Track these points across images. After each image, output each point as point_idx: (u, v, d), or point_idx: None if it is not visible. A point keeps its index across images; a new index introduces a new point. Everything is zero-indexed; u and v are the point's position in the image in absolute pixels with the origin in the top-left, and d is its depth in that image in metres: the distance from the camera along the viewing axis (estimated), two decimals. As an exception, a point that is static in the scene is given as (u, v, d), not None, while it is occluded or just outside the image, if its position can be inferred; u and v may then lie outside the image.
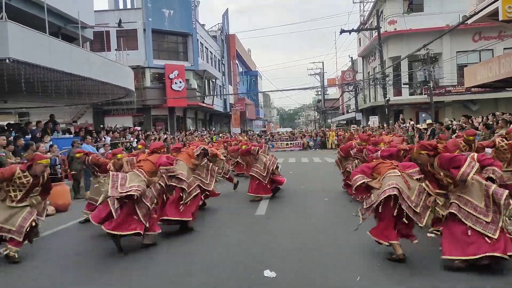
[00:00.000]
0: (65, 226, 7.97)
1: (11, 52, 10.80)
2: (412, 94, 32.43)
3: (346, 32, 29.55)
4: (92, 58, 15.67)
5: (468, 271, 4.51)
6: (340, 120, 54.54)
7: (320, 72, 57.41)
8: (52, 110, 18.96)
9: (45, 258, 5.90)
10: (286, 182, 10.65)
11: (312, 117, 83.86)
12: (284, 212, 8.44)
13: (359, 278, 4.56)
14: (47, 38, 12.86)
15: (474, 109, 29.57)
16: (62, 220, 8.44)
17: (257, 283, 4.59)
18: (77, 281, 4.93)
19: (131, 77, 20.00)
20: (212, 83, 39.79)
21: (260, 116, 65.75)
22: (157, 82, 31.07)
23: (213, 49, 40.58)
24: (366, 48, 36.97)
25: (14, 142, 10.21)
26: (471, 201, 4.54)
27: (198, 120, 39.47)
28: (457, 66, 29.93)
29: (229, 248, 6.00)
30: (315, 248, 5.79)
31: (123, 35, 27.94)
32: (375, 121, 30.45)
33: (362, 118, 39.47)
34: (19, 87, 12.05)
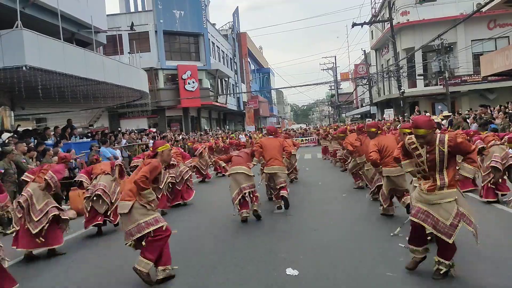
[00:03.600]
0: (86, 230, 8.06)
1: (27, 60, 10.96)
2: (427, 85, 32.01)
3: (358, 25, 29.27)
4: (106, 62, 15.83)
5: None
6: (354, 114, 54.16)
7: (332, 66, 57.07)
8: (69, 115, 19.23)
9: (69, 261, 5.99)
10: (304, 179, 10.64)
11: (326, 112, 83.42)
12: (303, 209, 8.42)
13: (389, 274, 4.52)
14: (61, 44, 13.02)
15: (492, 98, 29.05)
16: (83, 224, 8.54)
17: (279, 281, 4.58)
18: (100, 284, 4.99)
19: (145, 79, 20.15)
20: (225, 82, 39.85)
21: (274, 113, 65.62)
22: (170, 83, 31.25)
23: (225, 48, 40.63)
24: (378, 40, 36.59)
25: (35, 148, 10.38)
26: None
27: (213, 120, 39.60)
28: (472, 55, 29.44)
29: (250, 246, 6.00)
30: (337, 245, 5.76)
31: (135, 37, 28.15)
32: (390, 114, 30.12)
33: (377, 111, 39.12)
34: (36, 93, 12.24)
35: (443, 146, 4.10)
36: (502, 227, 6.21)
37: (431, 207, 4.20)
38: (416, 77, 31.05)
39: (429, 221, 4.18)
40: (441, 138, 4.13)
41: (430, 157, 4.15)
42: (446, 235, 4.09)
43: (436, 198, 4.17)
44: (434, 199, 4.18)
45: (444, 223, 4.09)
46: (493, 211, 7.11)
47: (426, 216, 4.21)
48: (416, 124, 4.17)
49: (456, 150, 4.16)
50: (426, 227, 4.21)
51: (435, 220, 4.15)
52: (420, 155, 4.23)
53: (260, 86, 56.70)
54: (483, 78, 24.74)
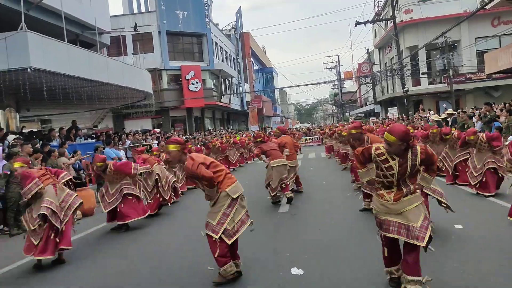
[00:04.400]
0: (91, 230, 8.12)
1: (32, 61, 11.02)
2: (431, 83, 31.91)
3: (361, 24, 29.23)
4: (110, 63, 15.89)
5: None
6: (358, 113, 54.03)
7: (336, 65, 56.98)
8: (74, 116, 19.34)
9: (76, 261, 6.03)
10: (308, 178, 10.66)
11: (330, 111, 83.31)
12: (307, 209, 8.43)
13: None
14: (65, 46, 13.09)
15: (496, 95, 28.91)
16: (89, 224, 8.61)
17: (284, 280, 4.60)
18: (107, 284, 5.02)
19: (148, 80, 20.21)
20: (228, 82, 39.89)
21: (278, 113, 65.59)
22: (174, 83, 31.32)
23: (228, 48, 40.66)
24: (382, 39, 36.49)
25: (41, 149, 10.44)
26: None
27: (216, 120, 39.65)
28: (476, 52, 29.31)
29: (256, 246, 6.01)
30: (341, 244, 5.76)
31: (139, 38, 28.23)
32: (394, 112, 30.05)
33: (380, 110, 39.00)
34: (41, 95, 12.31)
35: (415, 158, 3.87)
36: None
37: (399, 216, 3.93)
38: (420, 75, 30.96)
39: (403, 231, 3.89)
40: (413, 151, 3.88)
41: (402, 170, 3.89)
42: (419, 239, 3.79)
43: (404, 206, 3.92)
44: (402, 208, 3.92)
45: (414, 226, 3.83)
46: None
47: (398, 227, 3.92)
48: (390, 129, 3.83)
49: (426, 162, 3.98)
50: (401, 238, 3.92)
51: (407, 228, 3.88)
52: (390, 168, 3.91)
53: (263, 86, 56.71)
54: (487, 75, 24.61)
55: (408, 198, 3.93)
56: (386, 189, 4.01)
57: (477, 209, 7.22)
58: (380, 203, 4.04)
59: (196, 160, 4.54)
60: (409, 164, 3.87)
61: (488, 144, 8.00)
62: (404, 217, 3.90)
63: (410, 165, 3.87)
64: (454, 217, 5.92)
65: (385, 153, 3.91)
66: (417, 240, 3.78)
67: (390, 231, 3.96)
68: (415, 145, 3.92)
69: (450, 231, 5.78)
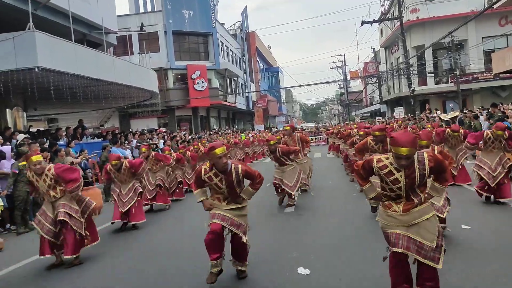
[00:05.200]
0: (99, 228, 8.13)
1: (40, 61, 11.08)
2: (438, 83, 31.76)
3: (367, 23, 29.16)
4: (116, 63, 15.95)
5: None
6: (364, 112, 53.87)
7: (342, 65, 56.83)
8: (80, 116, 19.44)
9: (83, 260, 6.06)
10: (314, 178, 10.64)
11: (335, 111, 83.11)
12: (313, 209, 8.42)
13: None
14: (73, 46, 13.15)
15: (504, 95, 28.73)
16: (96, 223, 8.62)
17: (291, 280, 4.60)
18: (111, 283, 5.04)
19: (154, 80, 20.27)
20: (234, 82, 39.90)
21: (283, 112, 65.53)
22: (179, 83, 31.38)
23: (234, 48, 40.67)
24: (388, 38, 36.37)
25: (50, 148, 10.49)
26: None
27: (222, 119, 39.69)
28: (483, 52, 29.15)
29: (262, 246, 6.01)
30: (348, 245, 5.75)
31: (145, 38, 28.31)
32: (400, 112, 29.95)
33: (386, 109, 38.87)
34: (48, 94, 12.38)
35: (423, 167, 3.49)
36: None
37: (410, 230, 3.59)
38: (426, 75, 30.82)
39: (413, 247, 3.55)
40: (419, 158, 3.51)
41: (409, 181, 3.53)
42: (434, 260, 3.51)
43: (415, 217, 3.58)
44: (412, 219, 3.58)
45: (430, 246, 3.51)
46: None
47: (407, 242, 3.57)
48: (398, 142, 3.37)
49: (436, 169, 3.60)
50: (410, 255, 3.58)
51: (417, 244, 3.54)
52: (397, 180, 3.55)
53: (269, 85, 56.67)
54: (494, 75, 24.48)
55: (418, 209, 3.60)
56: (394, 200, 3.68)
57: (484, 209, 7.18)
58: (387, 214, 3.70)
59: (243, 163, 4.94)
60: (417, 174, 3.50)
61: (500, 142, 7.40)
62: (416, 232, 3.56)
63: (419, 175, 3.51)
64: (461, 217, 5.90)
65: (388, 165, 3.57)
66: (433, 261, 3.50)
67: (399, 246, 3.58)
68: (421, 152, 3.58)
69: (457, 232, 5.75)
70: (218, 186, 4.51)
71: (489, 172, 7.29)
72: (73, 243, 5.70)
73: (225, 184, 4.48)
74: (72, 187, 5.70)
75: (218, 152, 4.31)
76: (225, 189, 4.51)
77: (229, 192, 4.54)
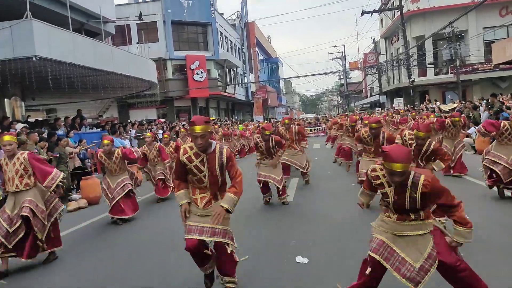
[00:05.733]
0: (97, 218, 8.16)
1: (37, 50, 11.03)
2: (438, 73, 31.68)
3: (368, 13, 28.95)
4: (115, 53, 15.87)
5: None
6: (363, 103, 53.84)
7: (341, 55, 56.65)
8: (79, 106, 19.38)
9: (81, 249, 6.07)
10: (313, 168, 10.64)
11: (335, 102, 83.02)
12: (312, 198, 8.43)
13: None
14: (71, 35, 13.07)
15: (503, 86, 28.71)
16: (94, 213, 8.65)
17: (289, 269, 4.61)
18: (112, 272, 5.05)
19: (153, 70, 20.19)
20: (233, 72, 39.77)
21: (282, 103, 65.44)
22: (178, 73, 31.27)
23: (233, 38, 40.47)
24: (388, 28, 36.20)
25: (48, 138, 10.48)
26: None
27: (221, 110, 39.62)
28: (484, 42, 29.05)
29: (260, 235, 6.04)
30: (346, 234, 5.77)
31: (144, 27, 28.14)
32: (400, 103, 29.91)
33: (386, 100, 38.85)
34: (46, 84, 12.33)
35: (415, 190, 3.08)
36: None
37: (397, 241, 3.24)
38: (426, 65, 30.73)
39: (393, 260, 3.19)
40: (414, 179, 3.08)
41: (399, 201, 3.18)
42: (413, 281, 3.10)
43: (408, 229, 3.23)
44: (404, 230, 3.24)
45: (412, 266, 3.12)
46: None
47: (389, 253, 3.22)
48: (391, 157, 2.99)
49: (433, 198, 3.14)
50: (386, 267, 3.21)
51: (400, 260, 3.17)
52: (386, 195, 3.27)
53: (268, 76, 56.51)
54: (494, 66, 24.43)
55: (414, 223, 3.23)
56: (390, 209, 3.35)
57: (486, 201, 7.17)
58: (382, 219, 3.41)
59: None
60: (407, 196, 3.12)
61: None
62: (402, 246, 3.21)
63: (409, 197, 3.12)
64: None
65: (381, 177, 3.27)
66: (411, 283, 3.11)
67: (379, 253, 3.23)
68: (416, 172, 3.12)
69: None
70: (198, 169, 3.81)
71: (505, 166, 6.74)
72: (30, 246, 5.20)
73: (207, 167, 3.81)
74: (49, 184, 5.27)
75: (197, 130, 3.65)
76: (206, 174, 3.82)
77: (210, 180, 3.86)
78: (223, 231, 3.86)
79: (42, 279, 5.01)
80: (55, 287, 4.72)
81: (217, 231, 3.84)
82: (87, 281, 4.78)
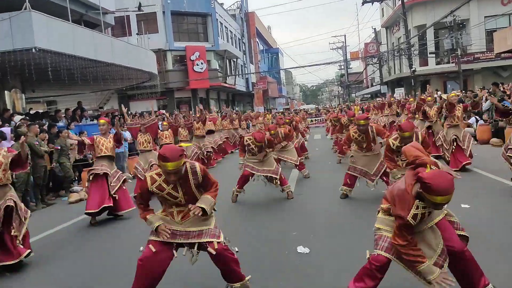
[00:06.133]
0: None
1: (37, 42, 10.98)
2: (439, 63, 31.57)
3: (368, 2, 28.82)
4: (115, 44, 15.80)
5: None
6: (364, 93, 53.70)
7: (342, 45, 56.35)
8: (79, 97, 19.35)
9: (82, 240, 6.10)
10: (314, 159, 10.63)
11: (335, 92, 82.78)
12: (313, 189, 8.44)
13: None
14: (70, 26, 13.00)
15: (505, 75, 28.59)
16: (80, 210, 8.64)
17: (291, 258, 4.63)
18: (112, 263, 5.08)
19: (153, 61, 20.11)
20: (233, 63, 39.61)
21: (283, 94, 65.25)
22: (179, 64, 31.14)
23: (233, 28, 40.25)
24: (389, 18, 35.99)
25: (48, 130, 10.48)
26: None
27: (221, 101, 39.51)
28: (485, 31, 28.88)
29: (262, 225, 6.06)
30: (348, 225, 5.79)
31: (143, 18, 27.95)
32: (401, 93, 29.82)
33: (387, 90, 38.66)
34: (46, 76, 12.30)
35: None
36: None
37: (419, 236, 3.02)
38: (427, 55, 30.59)
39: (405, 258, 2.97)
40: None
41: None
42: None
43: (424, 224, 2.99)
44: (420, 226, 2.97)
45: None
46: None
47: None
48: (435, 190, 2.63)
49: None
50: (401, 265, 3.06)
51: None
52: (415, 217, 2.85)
53: (268, 67, 56.30)
54: (496, 55, 24.28)
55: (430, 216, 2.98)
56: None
57: (483, 188, 7.18)
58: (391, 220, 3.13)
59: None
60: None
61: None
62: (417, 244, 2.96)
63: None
64: (460, 196, 5.89)
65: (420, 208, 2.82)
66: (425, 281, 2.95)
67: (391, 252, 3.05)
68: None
69: (456, 211, 5.73)
70: (172, 196, 3.44)
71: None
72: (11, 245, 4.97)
73: (182, 191, 3.43)
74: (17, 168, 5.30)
75: (170, 167, 3.17)
76: (182, 198, 3.46)
77: (187, 199, 3.48)
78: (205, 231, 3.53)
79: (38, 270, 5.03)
80: (54, 278, 4.75)
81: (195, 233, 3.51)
82: (87, 273, 4.80)
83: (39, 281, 4.75)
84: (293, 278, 4.17)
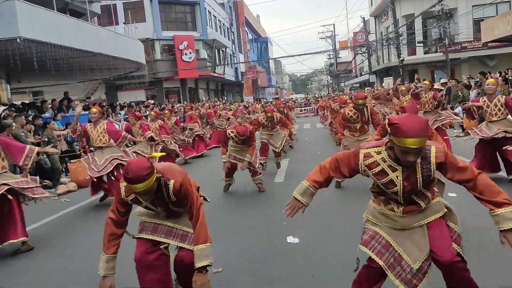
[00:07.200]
0: (88, 201, 8.12)
1: (21, 31, 10.81)
2: (427, 52, 31.71)
3: (357, -9, 28.70)
4: (101, 33, 15.59)
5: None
6: (353, 83, 53.82)
7: (331, 35, 56.27)
8: (66, 88, 19.10)
9: (72, 233, 6.06)
10: (304, 148, 10.66)
11: (324, 81, 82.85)
12: (302, 178, 8.44)
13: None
14: (55, 15, 12.80)
15: (491, 64, 28.83)
16: (84, 196, 8.60)
17: (280, 248, 4.65)
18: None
19: (141, 50, 19.91)
20: (222, 52, 39.37)
21: (272, 83, 65.19)
22: (167, 54, 30.88)
23: (222, 17, 39.94)
24: (378, 7, 35.96)
25: (33, 121, 10.35)
26: None
27: (210, 91, 39.35)
28: (473, 21, 29.04)
29: (251, 216, 6.07)
30: (338, 214, 5.84)
31: (130, 7, 27.62)
32: (389, 82, 29.96)
33: (376, 80, 38.86)
34: (31, 66, 12.11)
35: (429, 166, 2.48)
36: None
37: (397, 235, 2.67)
38: (416, 44, 30.72)
39: (387, 256, 2.62)
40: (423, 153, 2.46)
41: (409, 186, 2.54)
42: (409, 284, 2.57)
43: (418, 220, 2.66)
44: (414, 222, 2.66)
45: (409, 266, 2.57)
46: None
47: (384, 248, 2.64)
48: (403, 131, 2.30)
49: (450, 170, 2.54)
50: (379, 263, 2.61)
51: (396, 257, 2.62)
52: (391, 183, 2.56)
53: (258, 56, 56.10)
54: (483, 44, 24.46)
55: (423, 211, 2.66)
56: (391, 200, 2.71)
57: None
58: (381, 212, 2.76)
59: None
60: (419, 177, 2.52)
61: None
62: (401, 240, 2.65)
63: (421, 173, 2.51)
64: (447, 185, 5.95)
65: (380, 162, 2.56)
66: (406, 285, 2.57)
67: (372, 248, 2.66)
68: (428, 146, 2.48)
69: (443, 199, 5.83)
70: (150, 209, 3.09)
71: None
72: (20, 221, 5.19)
73: (160, 208, 3.06)
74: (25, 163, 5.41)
75: (139, 189, 2.63)
76: (161, 213, 3.10)
77: (169, 216, 3.13)
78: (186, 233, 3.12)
79: (27, 261, 5.00)
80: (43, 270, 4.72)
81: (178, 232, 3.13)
82: (79, 265, 4.78)
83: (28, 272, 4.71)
84: (282, 266, 4.19)
